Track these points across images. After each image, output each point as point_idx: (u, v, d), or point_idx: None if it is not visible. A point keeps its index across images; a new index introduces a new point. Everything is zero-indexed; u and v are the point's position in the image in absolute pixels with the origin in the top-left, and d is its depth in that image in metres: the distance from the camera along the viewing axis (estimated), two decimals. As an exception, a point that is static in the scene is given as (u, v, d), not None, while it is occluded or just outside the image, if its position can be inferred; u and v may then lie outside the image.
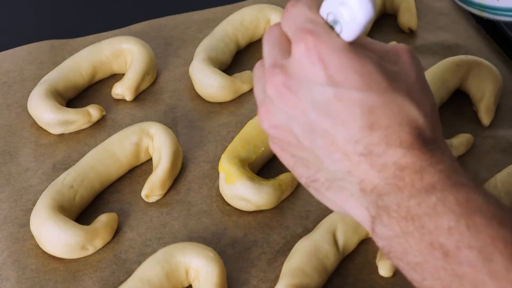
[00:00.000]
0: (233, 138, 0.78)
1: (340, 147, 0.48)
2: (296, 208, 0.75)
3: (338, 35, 0.49)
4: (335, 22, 0.49)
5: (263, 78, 0.52)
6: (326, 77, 0.47)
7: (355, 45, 0.48)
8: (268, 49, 0.53)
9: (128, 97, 0.85)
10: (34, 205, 0.73)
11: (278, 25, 0.53)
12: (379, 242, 0.49)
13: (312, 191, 0.54)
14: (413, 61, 0.51)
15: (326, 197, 0.52)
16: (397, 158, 0.46)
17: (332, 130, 0.48)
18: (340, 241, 0.69)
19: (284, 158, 0.54)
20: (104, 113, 0.83)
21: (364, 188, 0.48)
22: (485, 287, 0.43)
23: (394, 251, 0.48)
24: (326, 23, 0.49)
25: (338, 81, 0.47)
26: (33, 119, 0.82)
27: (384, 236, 0.48)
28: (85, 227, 0.71)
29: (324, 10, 0.50)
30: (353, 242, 0.70)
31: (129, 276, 0.67)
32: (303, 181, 0.54)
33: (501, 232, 0.44)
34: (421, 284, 0.47)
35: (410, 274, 0.48)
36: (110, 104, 0.85)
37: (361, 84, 0.47)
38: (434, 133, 0.48)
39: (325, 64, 0.47)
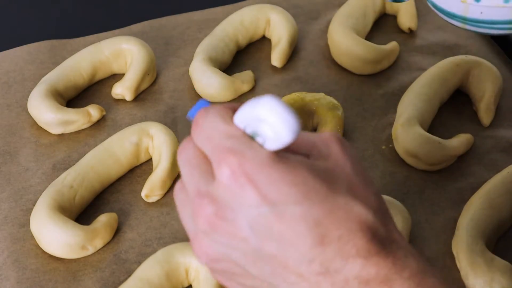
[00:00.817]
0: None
1: (294, 269, 0.44)
2: (296, 208, 0.75)
3: (260, 145, 0.44)
4: (255, 134, 0.44)
5: (189, 207, 0.47)
6: (260, 197, 0.43)
7: (281, 152, 0.44)
8: (187, 173, 0.47)
9: (128, 97, 0.85)
10: (34, 205, 0.73)
11: (191, 142, 0.47)
12: None
13: None
14: (344, 150, 0.47)
15: None
16: (357, 270, 0.43)
17: (280, 254, 0.44)
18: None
19: (232, 286, 0.49)
20: (104, 113, 0.83)
21: None
22: None
23: None
24: (244, 133, 0.45)
25: (273, 199, 0.43)
26: (33, 119, 0.82)
27: None
28: (85, 227, 0.71)
29: (239, 120, 0.45)
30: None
31: (129, 276, 0.67)
32: None
33: None
34: None
35: None
36: (110, 104, 0.85)
37: (299, 197, 0.43)
38: (387, 228, 0.45)
39: (255, 184, 0.43)
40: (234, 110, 0.46)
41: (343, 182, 0.45)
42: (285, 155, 0.44)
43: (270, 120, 0.43)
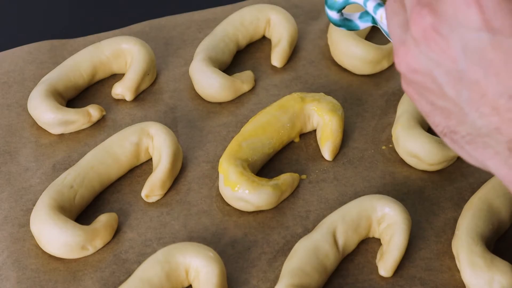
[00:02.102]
0: (233, 138, 0.78)
1: (491, 100, 0.43)
2: (296, 208, 0.75)
3: None
4: None
5: (402, 15, 0.47)
6: (482, 21, 0.42)
7: None
8: None
9: (128, 97, 0.85)
10: (34, 205, 0.73)
11: None
12: None
13: (447, 141, 0.49)
14: None
15: (464, 150, 0.48)
16: None
17: (484, 82, 0.43)
18: (340, 241, 0.69)
19: (420, 104, 0.49)
20: (104, 113, 0.83)
21: None
22: None
23: None
24: None
25: (495, 27, 0.42)
26: (33, 119, 0.82)
27: None
28: (85, 227, 0.71)
29: None
30: (353, 242, 0.70)
31: (129, 276, 0.67)
32: (439, 129, 0.49)
33: None
34: None
35: None
36: (110, 104, 0.85)
37: None
38: None
39: (481, 7, 0.42)
40: None
41: None
42: None
43: None
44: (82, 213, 0.74)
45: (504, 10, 0.42)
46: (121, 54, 0.87)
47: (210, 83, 0.84)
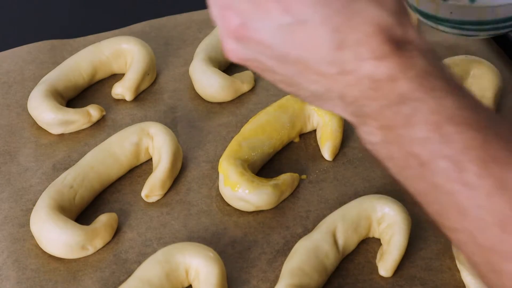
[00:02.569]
0: (233, 138, 0.78)
1: (314, 70, 0.48)
2: (296, 208, 0.75)
3: None
4: None
5: (219, 18, 0.52)
6: (281, 8, 0.47)
7: None
8: None
9: (128, 97, 0.85)
10: (34, 205, 0.73)
11: None
12: (366, 145, 0.49)
13: (300, 99, 0.54)
14: None
15: (315, 104, 0.53)
16: (370, 70, 0.46)
17: (303, 57, 0.48)
18: (340, 241, 0.69)
19: (266, 77, 0.53)
20: (104, 113, 0.83)
21: (345, 100, 0.48)
22: (459, 196, 0.44)
23: (381, 156, 0.48)
24: None
25: (294, 9, 0.47)
26: (33, 119, 0.82)
27: (369, 141, 0.49)
28: (85, 227, 0.71)
29: None
30: (353, 242, 0.70)
31: (129, 276, 0.67)
32: (288, 91, 0.54)
33: (473, 138, 0.44)
34: (405, 185, 0.48)
35: (396, 176, 0.48)
36: (110, 104, 0.85)
37: (318, 7, 0.46)
38: (404, 28, 0.47)
39: None
40: None
41: None
42: None
43: None
44: (82, 213, 0.74)
45: None
46: (121, 54, 0.87)
47: (210, 83, 0.84)
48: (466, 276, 0.67)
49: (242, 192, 0.72)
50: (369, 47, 0.46)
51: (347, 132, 0.82)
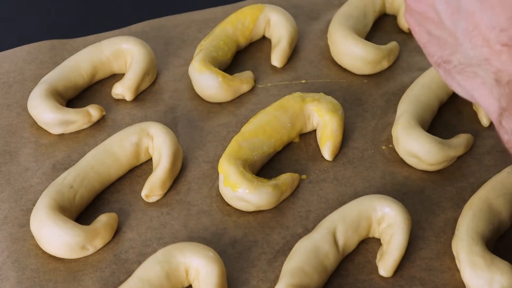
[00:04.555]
0: (233, 138, 0.78)
1: (484, 32, 0.46)
2: (296, 208, 0.75)
3: None
4: None
5: None
6: None
7: None
8: None
9: (128, 97, 0.85)
10: (34, 205, 0.73)
11: None
12: (504, 136, 0.48)
13: (440, 71, 0.52)
14: None
15: (455, 80, 0.51)
16: None
17: (479, 14, 0.46)
18: (340, 241, 0.69)
19: (418, 34, 0.53)
20: (104, 113, 0.83)
21: (500, 79, 0.46)
22: None
23: None
24: None
25: None
26: (33, 119, 0.82)
27: (511, 129, 0.47)
28: (85, 227, 0.71)
29: None
30: (353, 242, 0.70)
31: (129, 276, 0.67)
32: (434, 59, 0.52)
33: None
34: None
35: None
36: (110, 104, 0.85)
37: None
38: None
39: None
40: None
41: None
42: None
43: None
44: (82, 213, 0.74)
45: None
46: (121, 54, 0.87)
47: (209, 83, 0.84)
48: (466, 276, 0.67)
49: (242, 192, 0.72)
50: None
51: (347, 132, 0.82)
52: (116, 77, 0.88)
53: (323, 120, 0.79)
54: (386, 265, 0.68)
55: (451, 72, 0.51)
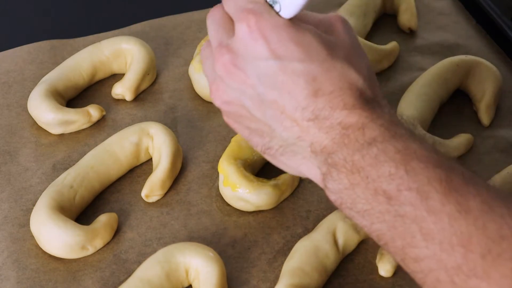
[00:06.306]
0: (233, 138, 0.78)
1: (289, 115, 0.52)
2: (296, 208, 0.75)
3: (277, 13, 0.52)
4: (274, 1, 0.53)
5: (211, 58, 0.56)
6: (269, 51, 0.51)
7: (293, 19, 0.52)
8: (213, 30, 0.57)
9: (128, 97, 0.85)
10: (34, 205, 0.73)
11: (220, 6, 0.57)
12: (331, 196, 0.53)
13: (268, 157, 0.57)
14: (346, 29, 0.55)
15: (281, 161, 0.56)
16: (341, 118, 0.50)
17: (280, 100, 0.52)
18: (340, 241, 0.69)
19: (239, 130, 0.58)
20: (104, 113, 0.83)
21: (315, 149, 0.52)
22: (424, 222, 0.47)
23: (345, 202, 0.51)
24: (266, 2, 0.53)
25: (280, 55, 0.51)
26: (33, 119, 0.82)
27: (335, 190, 0.52)
28: (85, 227, 0.71)
29: None
30: (353, 242, 0.70)
31: (129, 276, 0.67)
32: (259, 149, 0.57)
33: (436, 172, 0.48)
34: (370, 229, 0.50)
35: (360, 221, 0.51)
36: (110, 104, 0.85)
37: (302, 55, 0.51)
38: (373, 92, 0.52)
39: (267, 40, 0.51)
40: None
41: (341, 51, 0.52)
42: (297, 22, 0.52)
43: None
44: (82, 213, 0.74)
45: (286, 39, 0.51)
46: (121, 54, 0.87)
47: (210, 83, 0.84)
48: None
49: (242, 192, 0.72)
50: (342, 99, 0.50)
51: (347, 132, 0.82)
52: (116, 77, 0.88)
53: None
54: (386, 265, 0.68)
55: (275, 155, 0.56)
